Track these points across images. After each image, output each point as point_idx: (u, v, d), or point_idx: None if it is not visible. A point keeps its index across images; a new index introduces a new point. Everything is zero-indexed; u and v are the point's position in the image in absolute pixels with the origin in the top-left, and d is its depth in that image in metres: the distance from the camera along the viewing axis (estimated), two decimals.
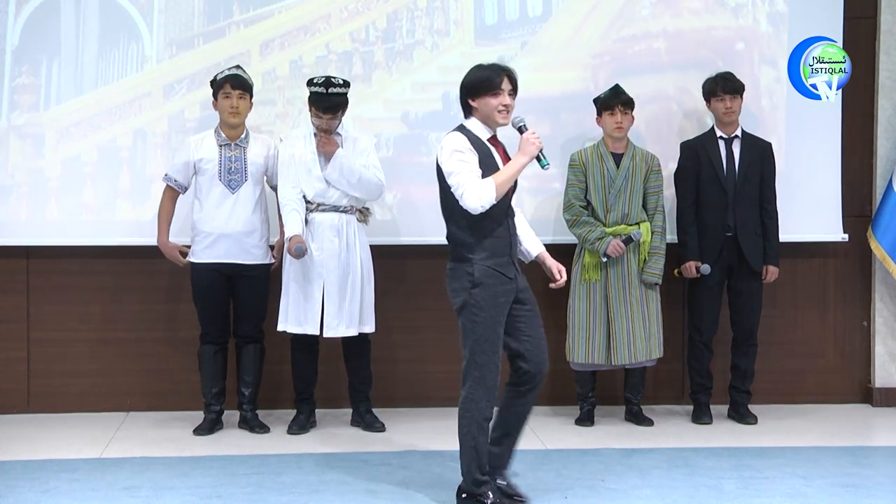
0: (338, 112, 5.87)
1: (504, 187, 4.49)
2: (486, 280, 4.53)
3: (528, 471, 5.20)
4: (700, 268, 6.20)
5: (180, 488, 4.93)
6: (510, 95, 4.56)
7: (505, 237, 4.60)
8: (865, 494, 4.91)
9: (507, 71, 4.59)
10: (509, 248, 4.61)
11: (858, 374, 6.85)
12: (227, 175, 5.90)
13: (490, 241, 4.55)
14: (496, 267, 4.55)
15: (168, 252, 5.98)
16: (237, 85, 5.87)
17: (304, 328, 5.90)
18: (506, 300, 4.57)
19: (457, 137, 4.55)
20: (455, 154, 4.51)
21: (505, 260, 4.59)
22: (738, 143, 6.26)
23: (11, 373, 6.40)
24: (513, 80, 4.58)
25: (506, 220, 4.61)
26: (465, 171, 4.48)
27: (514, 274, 4.62)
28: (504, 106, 4.54)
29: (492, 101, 4.54)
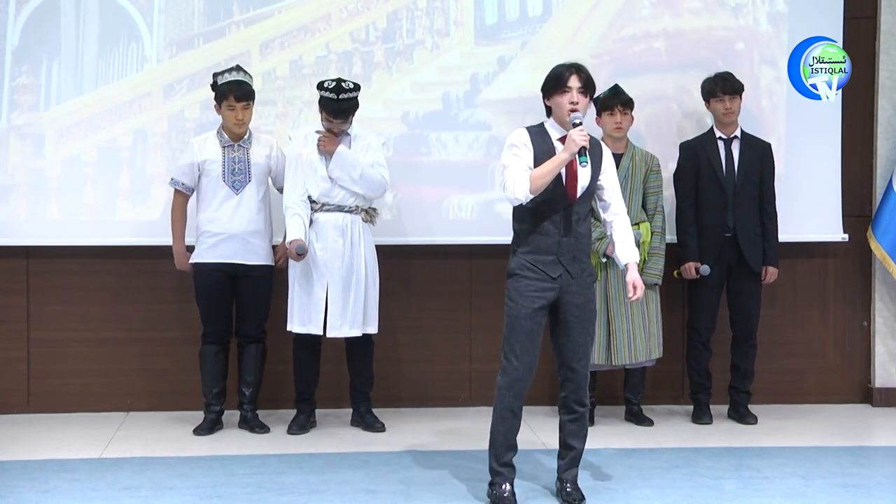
0: (349, 116, 5.88)
1: (541, 181, 4.52)
2: (520, 272, 4.65)
3: (529, 471, 5.20)
4: (699, 268, 6.20)
5: (180, 488, 4.92)
6: (580, 93, 4.61)
7: (553, 235, 4.63)
8: (865, 494, 4.91)
9: (577, 67, 4.66)
10: (557, 247, 4.63)
11: (858, 374, 6.85)
12: (231, 176, 5.90)
13: (534, 237, 4.64)
14: (535, 263, 4.63)
15: (180, 261, 5.95)
16: (241, 97, 5.86)
17: (308, 328, 5.90)
18: (541, 296, 4.63)
19: (517, 132, 4.68)
20: (511, 148, 4.64)
21: (549, 259, 4.63)
22: (737, 143, 6.26)
23: (11, 373, 6.40)
24: (582, 78, 4.63)
25: (559, 218, 4.63)
26: (513, 165, 4.59)
27: (558, 274, 4.63)
28: (572, 103, 4.59)
29: (559, 100, 4.62)
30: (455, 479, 5.05)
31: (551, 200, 4.60)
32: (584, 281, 4.70)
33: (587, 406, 4.82)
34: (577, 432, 4.79)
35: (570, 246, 4.66)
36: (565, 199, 4.63)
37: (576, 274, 4.67)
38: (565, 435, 4.81)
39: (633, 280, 4.72)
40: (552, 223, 4.63)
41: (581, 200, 4.68)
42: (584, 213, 4.71)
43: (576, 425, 4.78)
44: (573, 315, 4.69)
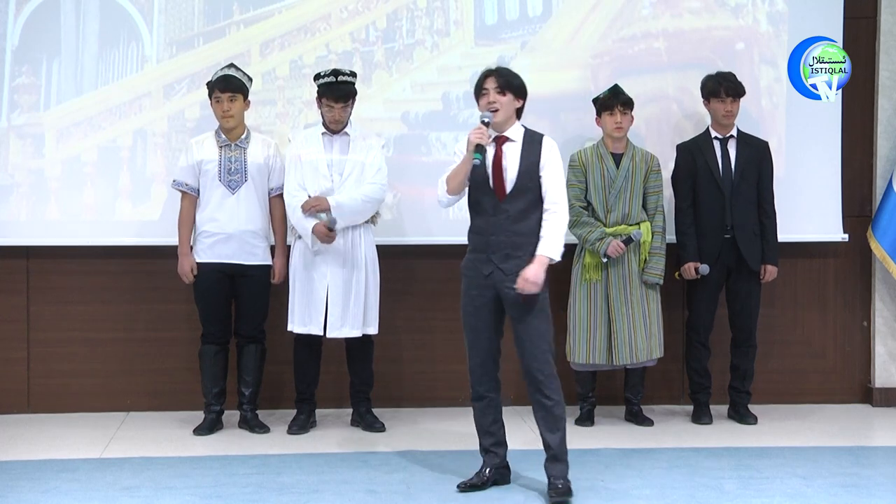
0: (349, 101, 5.88)
1: (452, 181, 4.72)
2: (465, 271, 4.86)
3: (529, 471, 5.20)
4: (699, 268, 6.20)
5: (180, 488, 4.93)
6: (498, 93, 4.73)
7: (484, 234, 4.74)
8: (865, 494, 4.91)
9: (495, 71, 4.81)
10: (487, 245, 4.73)
11: (858, 374, 6.85)
12: (227, 176, 5.90)
13: (472, 236, 4.81)
14: (474, 261, 4.78)
15: (184, 266, 5.92)
16: (226, 88, 5.86)
17: (309, 328, 5.90)
18: (479, 294, 4.76)
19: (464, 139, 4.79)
20: (453, 156, 4.88)
21: (482, 257, 4.74)
22: (733, 142, 6.26)
23: (11, 373, 6.40)
24: (499, 79, 4.74)
25: (489, 217, 4.72)
26: (449, 168, 4.81)
27: (490, 272, 4.73)
28: (489, 104, 4.73)
29: (481, 102, 4.79)
30: (455, 479, 5.05)
31: (481, 200, 4.74)
32: (510, 276, 4.70)
33: (554, 399, 4.77)
34: (549, 426, 4.80)
35: (502, 244, 4.71)
36: (493, 198, 4.72)
37: (509, 271, 4.70)
38: (540, 431, 4.86)
39: (524, 274, 4.66)
40: (484, 221, 4.75)
41: (514, 198, 4.71)
42: (520, 210, 4.71)
43: (548, 420, 4.80)
44: (514, 311, 4.76)
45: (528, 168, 4.74)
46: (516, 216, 4.72)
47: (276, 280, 5.99)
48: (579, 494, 4.87)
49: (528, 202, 4.74)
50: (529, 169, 4.73)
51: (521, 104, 4.86)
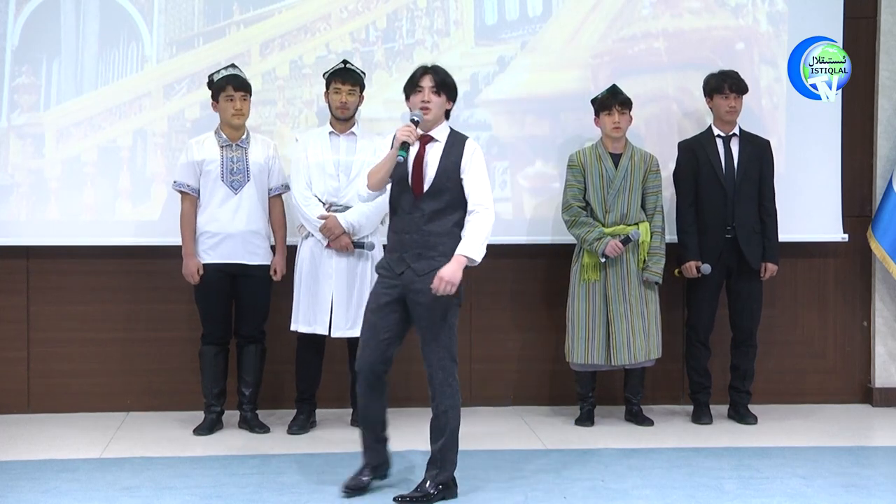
0: (356, 86, 5.90)
1: (374, 177, 4.70)
2: (378, 270, 4.84)
3: (529, 471, 5.20)
4: (700, 267, 6.20)
5: (180, 488, 4.93)
6: (433, 92, 4.72)
7: (399, 233, 4.74)
8: (865, 494, 4.91)
9: (433, 69, 4.80)
10: (401, 244, 4.72)
11: (858, 374, 6.85)
12: (230, 176, 5.90)
13: (390, 235, 4.81)
14: (388, 260, 4.79)
15: (189, 268, 5.90)
16: (240, 86, 5.87)
17: (314, 328, 5.90)
18: (385, 292, 4.73)
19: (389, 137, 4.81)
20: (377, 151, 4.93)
21: (395, 256, 4.74)
22: (735, 141, 6.26)
23: (11, 373, 6.40)
24: (434, 77, 4.75)
25: (405, 216, 4.71)
26: (372, 165, 4.80)
27: (402, 271, 4.70)
28: (423, 102, 4.72)
29: (414, 99, 4.78)
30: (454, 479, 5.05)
31: (398, 198, 4.73)
32: (430, 279, 4.63)
33: (441, 408, 4.73)
34: (434, 434, 4.78)
35: (415, 243, 4.69)
36: (410, 196, 4.70)
37: (421, 272, 4.67)
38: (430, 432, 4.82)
39: (440, 272, 4.59)
40: (400, 220, 4.74)
41: (430, 196, 4.69)
42: (435, 210, 4.68)
43: (432, 425, 4.78)
44: (418, 314, 4.71)
45: (448, 168, 4.71)
46: (431, 215, 4.68)
47: (278, 277, 5.99)
48: (579, 494, 4.86)
49: (444, 203, 4.70)
50: (448, 169, 4.70)
51: (450, 106, 4.85)
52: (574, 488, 4.95)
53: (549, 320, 6.61)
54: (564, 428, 6.16)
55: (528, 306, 6.63)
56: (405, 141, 4.60)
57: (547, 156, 6.54)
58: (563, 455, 5.55)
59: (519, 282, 6.66)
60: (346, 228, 5.82)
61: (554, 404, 6.61)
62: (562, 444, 5.80)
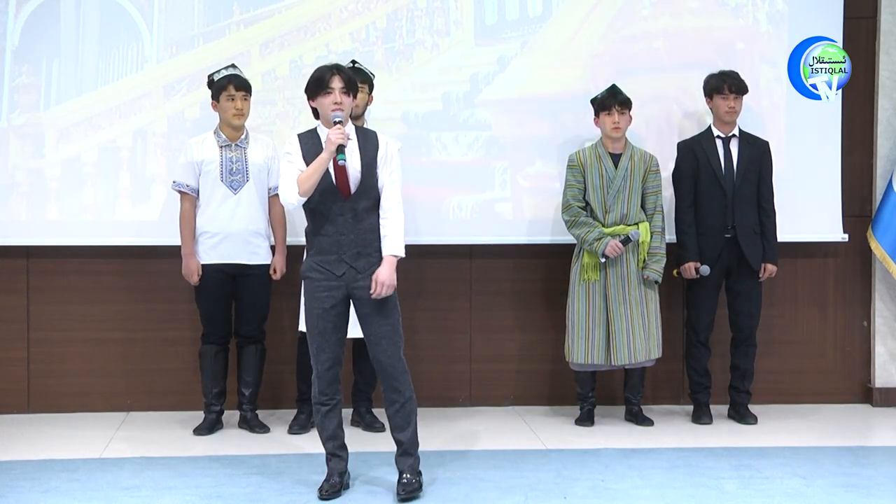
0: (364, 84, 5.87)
1: (306, 183, 4.67)
2: (309, 274, 4.81)
3: (529, 471, 5.21)
4: (699, 268, 6.19)
5: (180, 488, 4.93)
6: (343, 93, 4.73)
7: (332, 235, 4.76)
8: (865, 494, 4.91)
9: (338, 68, 4.79)
10: (337, 246, 4.75)
11: (858, 374, 6.85)
12: (229, 176, 5.90)
13: (318, 239, 4.78)
14: (322, 263, 4.75)
15: (189, 267, 5.90)
16: (241, 86, 5.87)
17: None
18: (329, 295, 4.76)
19: (289, 140, 4.83)
20: (285, 157, 4.80)
21: (332, 258, 4.75)
22: (735, 141, 6.26)
23: (11, 373, 6.40)
24: (345, 78, 4.75)
25: (336, 218, 4.74)
26: (284, 172, 4.75)
27: (343, 272, 4.75)
28: (336, 104, 4.71)
29: (323, 101, 4.74)
30: (455, 479, 5.05)
31: (326, 200, 4.73)
32: (372, 274, 4.75)
33: (406, 395, 4.84)
34: (402, 424, 4.85)
35: (353, 243, 4.76)
36: (338, 198, 4.74)
37: (362, 269, 4.77)
38: (392, 428, 4.88)
39: (378, 279, 4.72)
40: (330, 223, 4.75)
41: (359, 196, 4.76)
42: (366, 208, 4.77)
43: (399, 416, 4.84)
44: (366, 309, 4.79)
45: (369, 165, 4.78)
46: (362, 214, 4.77)
47: (277, 276, 5.99)
48: (579, 494, 4.87)
49: (373, 200, 4.79)
50: (370, 166, 4.78)
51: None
52: (574, 488, 4.96)
53: (549, 320, 6.61)
54: (564, 428, 6.16)
55: (528, 306, 6.63)
56: (341, 143, 4.63)
57: (547, 156, 6.54)
58: (563, 455, 5.55)
59: (519, 282, 6.66)
60: None
61: (554, 404, 6.61)
62: (562, 444, 5.80)
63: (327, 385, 4.82)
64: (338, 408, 4.90)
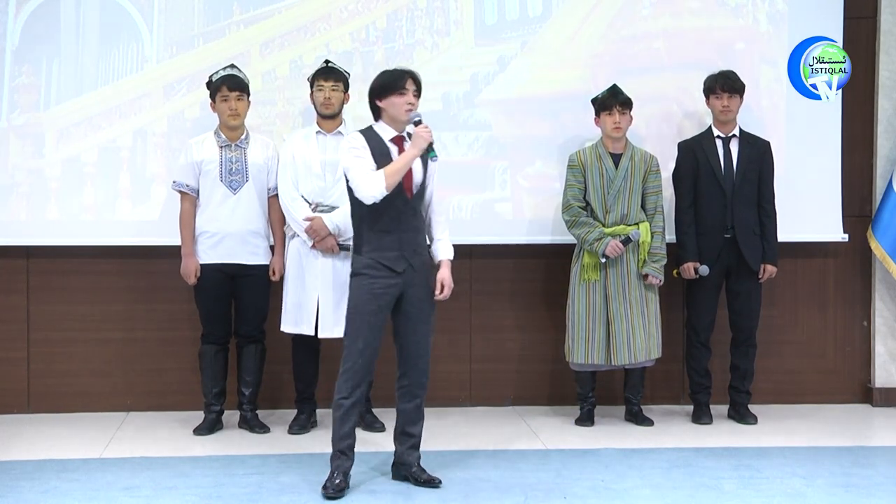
0: (339, 82, 5.90)
1: (393, 177, 4.75)
2: (364, 271, 4.84)
3: (529, 471, 5.20)
4: (698, 269, 6.19)
5: (180, 488, 4.93)
6: (414, 96, 4.87)
7: (395, 232, 4.83)
8: (865, 494, 4.91)
9: (412, 73, 4.92)
10: (399, 243, 4.83)
11: (858, 374, 6.85)
12: (229, 176, 5.90)
13: (377, 235, 4.83)
14: (381, 260, 4.81)
15: (188, 267, 5.89)
16: (234, 86, 5.87)
17: (300, 328, 5.90)
18: (386, 292, 4.82)
19: (354, 136, 4.91)
20: (351, 151, 4.86)
21: (394, 255, 4.83)
22: (735, 142, 6.26)
23: (11, 373, 6.40)
24: (417, 83, 4.90)
25: (398, 216, 4.83)
26: (358, 166, 4.81)
27: (403, 269, 4.83)
28: (409, 104, 4.84)
29: (396, 101, 4.82)
30: (455, 479, 5.05)
31: (391, 198, 4.80)
32: (424, 273, 4.91)
33: (424, 395, 5.01)
34: (417, 418, 4.98)
35: (412, 241, 4.87)
36: (403, 196, 4.84)
37: (418, 267, 4.88)
38: (406, 422, 4.98)
39: (441, 278, 4.92)
40: (392, 220, 4.84)
41: (418, 196, 4.91)
42: (418, 209, 4.92)
43: (417, 411, 4.98)
44: (416, 308, 4.89)
45: (425, 166, 4.93)
46: (418, 213, 4.92)
47: (276, 277, 5.99)
48: (579, 494, 4.87)
49: (424, 200, 4.98)
50: (425, 166, 4.93)
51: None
52: (574, 488, 4.95)
53: (549, 320, 6.61)
54: (564, 428, 6.16)
55: (528, 306, 6.63)
56: (431, 141, 4.79)
57: (547, 156, 6.54)
58: (563, 455, 5.55)
59: (519, 282, 6.66)
60: (331, 230, 5.82)
61: (554, 404, 6.61)
62: (562, 444, 5.80)
63: (358, 383, 4.85)
64: (359, 405, 4.94)
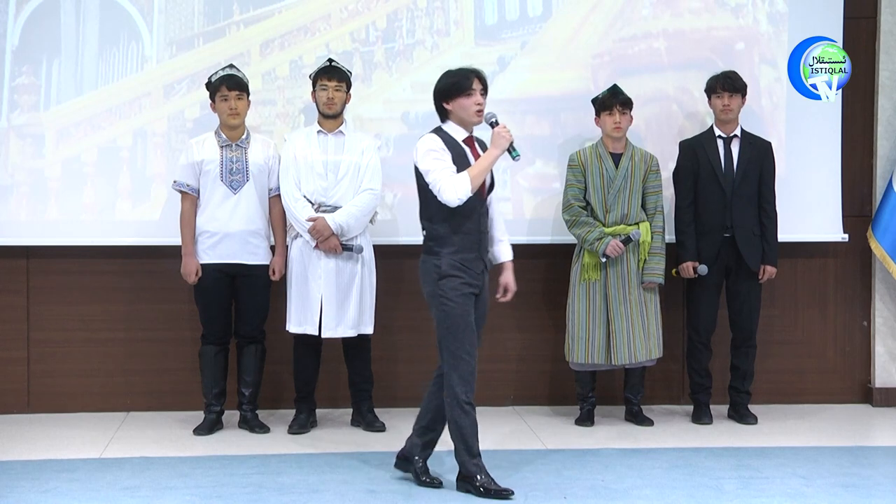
0: (342, 82, 5.90)
1: (478, 179, 4.74)
2: (452, 272, 4.81)
3: (529, 471, 5.21)
4: (697, 268, 6.19)
5: (180, 488, 4.93)
6: (482, 95, 4.85)
7: (474, 233, 4.84)
8: (865, 494, 4.91)
9: (477, 72, 4.89)
10: (478, 244, 4.85)
11: (858, 374, 6.85)
12: (229, 176, 5.90)
13: (459, 237, 4.81)
14: (463, 261, 4.81)
15: (188, 267, 5.89)
16: (234, 86, 5.87)
17: (304, 328, 5.90)
18: (471, 292, 4.83)
19: (431, 138, 4.86)
20: (430, 153, 4.80)
21: (473, 255, 4.84)
22: (736, 142, 6.26)
23: (11, 373, 6.40)
24: (483, 81, 4.88)
25: (477, 217, 4.84)
26: (440, 168, 4.77)
27: (481, 270, 4.87)
28: (478, 105, 4.83)
29: (465, 102, 4.81)
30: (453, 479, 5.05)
31: (472, 200, 4.79)
32: (486, 274, 4.95)
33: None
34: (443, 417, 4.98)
35: (485, 242, 4.92)
36: (479, 198, 4.85)
37: (488, 268, 4.95)
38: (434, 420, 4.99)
39: (506, 282, 4.99)
40: (472, 222, 4.84)
41: (489, 197, 4.95)
42: (489, 210, 4.95)
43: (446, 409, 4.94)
44: (480, 310, 4.93)
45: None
46: (489, 214, 4.95)
47: (276, 277, 5.99)
48: (579, 494, 4.86)
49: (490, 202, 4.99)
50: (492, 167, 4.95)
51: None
52: (574, 488, 4.95)
53: (549, 320, 6.61)
54: (564, 428, 6.16)
55: (528, 306, 6.62)
56: (511, 141, 4.80)
57: (547, 156, 6.54)
58: (563, 455, 5.55)
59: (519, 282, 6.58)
60: (334, 230, 5.81)
61: (554, 404, 6.61)
62: (562, 444, 5.80)
63: (474, 379, 4.83)
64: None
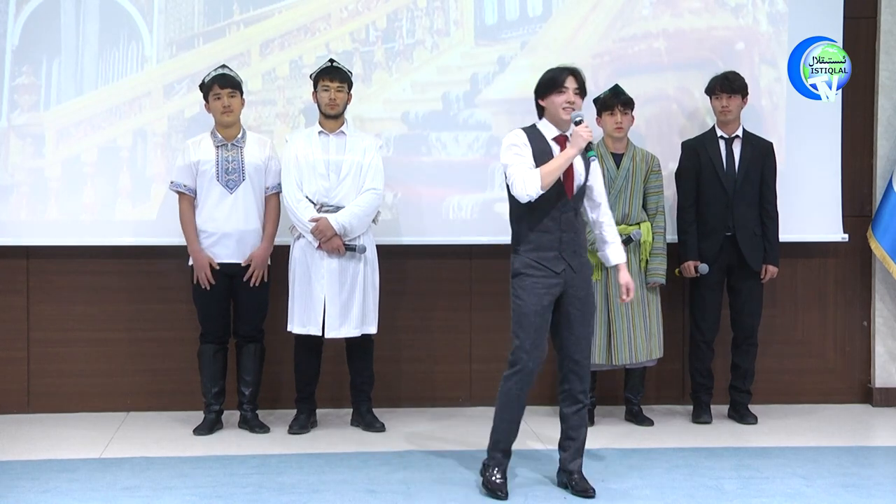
0: (344, 83, 5.90)
1: (550, 176, 4.69)
2: (524, 270, 4.79)
3: (529, 471, 5.20)
4: (698, 267, 6.20)
5: (180, 488, 4.93)
6: (576, 94, 4.81)
7: (554, 232, 4.79)
8: (865, 494, 4.91)
9: (573, 70, 4.86)
10: (558, 243, 4.79)
11: (858, 374, 6.85)
12: (225, 175, 5.90)
13: (535, 235, 4.79)
14: (540, 260, 4.77)
15: (200, 262, 5.88)
16: (226, 84, 5.87)
17: (307, 328, 5.90)
18: (548, 292, 4.77)
19: (515, 133, 4.87)
20: (511, 148, 4.82)
21: (552, 255, 4.78)
22: (738, 142, 6.26)
23: (11, 373, 6.40)
24: (578, 80, 4.84)
25: (559, 215, 4.79)
26: (517, 163, 4.76)
27: (561, 269, 4.79)
28: (568, 103, 4.79)
29: (556, 99, 4.80)
30: (455, 479, 5.05)
31: (550, 198, 4.76)
32: (584, 274, 4.87)
33: (589, 397, 4.97)
34: (580, 424, 4.91)
35: (571, 241, 4.82)
36: (563, 196, 4.80)
37: (577, 268, 4.84)
38: (569, 427, 4.91)
39: (626, 282, 4.93)
40: (552, 220, 4.79)
41: (576, 197, 4.85)
42: (578, 209, 4.88)
43: (578, 416, 4.90)
44: (576, 308, 4.83)
45: (587, 167, 4.88)
46: (579, 214, 4.88)
47: (253, 267, 5.89)
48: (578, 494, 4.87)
49: (581, 202, 4.92)
50: (587, 167, 4.88)
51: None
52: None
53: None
54: None
55: None
56: (590, 141, 4.75)
57: None
58: None
59: None
60: (337, 230, 5.81)
61: (554, 404, 6.58)
62: None
63: (531, 381, 4.82)
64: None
